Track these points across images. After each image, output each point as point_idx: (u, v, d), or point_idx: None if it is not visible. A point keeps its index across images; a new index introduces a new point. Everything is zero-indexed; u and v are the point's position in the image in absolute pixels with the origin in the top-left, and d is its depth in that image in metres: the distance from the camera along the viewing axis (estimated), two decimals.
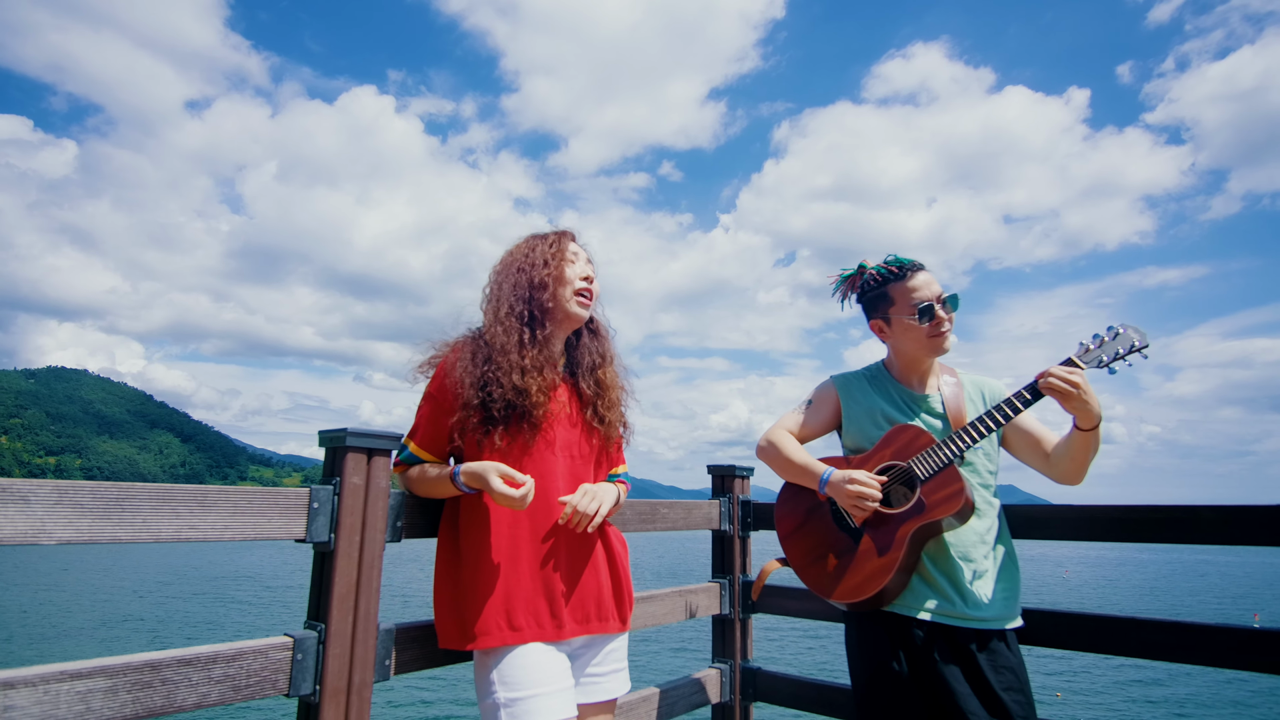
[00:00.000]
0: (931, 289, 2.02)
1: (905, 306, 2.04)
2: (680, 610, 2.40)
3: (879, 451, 2.01)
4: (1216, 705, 15.40)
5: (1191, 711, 14.91)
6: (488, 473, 1.54)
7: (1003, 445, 2.09)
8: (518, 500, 1.52)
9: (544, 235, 1.86)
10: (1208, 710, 15.01)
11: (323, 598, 1.50)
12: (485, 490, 1.57)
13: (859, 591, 1.89)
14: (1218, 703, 15.50)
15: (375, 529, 1.57)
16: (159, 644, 19.17)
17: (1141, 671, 17.42)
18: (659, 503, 2.36)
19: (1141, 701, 15.34)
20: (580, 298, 1.78)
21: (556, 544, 1.67)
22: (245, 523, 1.39)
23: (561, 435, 1.74)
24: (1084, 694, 15.77)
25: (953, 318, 2.02)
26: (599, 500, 1.68)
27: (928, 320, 2.00)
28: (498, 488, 1.52)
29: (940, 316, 1.99)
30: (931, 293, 2.01)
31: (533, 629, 1.58)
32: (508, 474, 1.55)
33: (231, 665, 1.34)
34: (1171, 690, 16.50)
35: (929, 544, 1.93)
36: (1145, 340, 1.81)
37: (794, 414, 2.21)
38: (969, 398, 2.09)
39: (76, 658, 1.24)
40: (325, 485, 1.52)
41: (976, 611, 1.87)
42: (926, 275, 2.03)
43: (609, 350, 1.90)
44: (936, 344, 2.02)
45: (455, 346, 1.74)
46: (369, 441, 1.56)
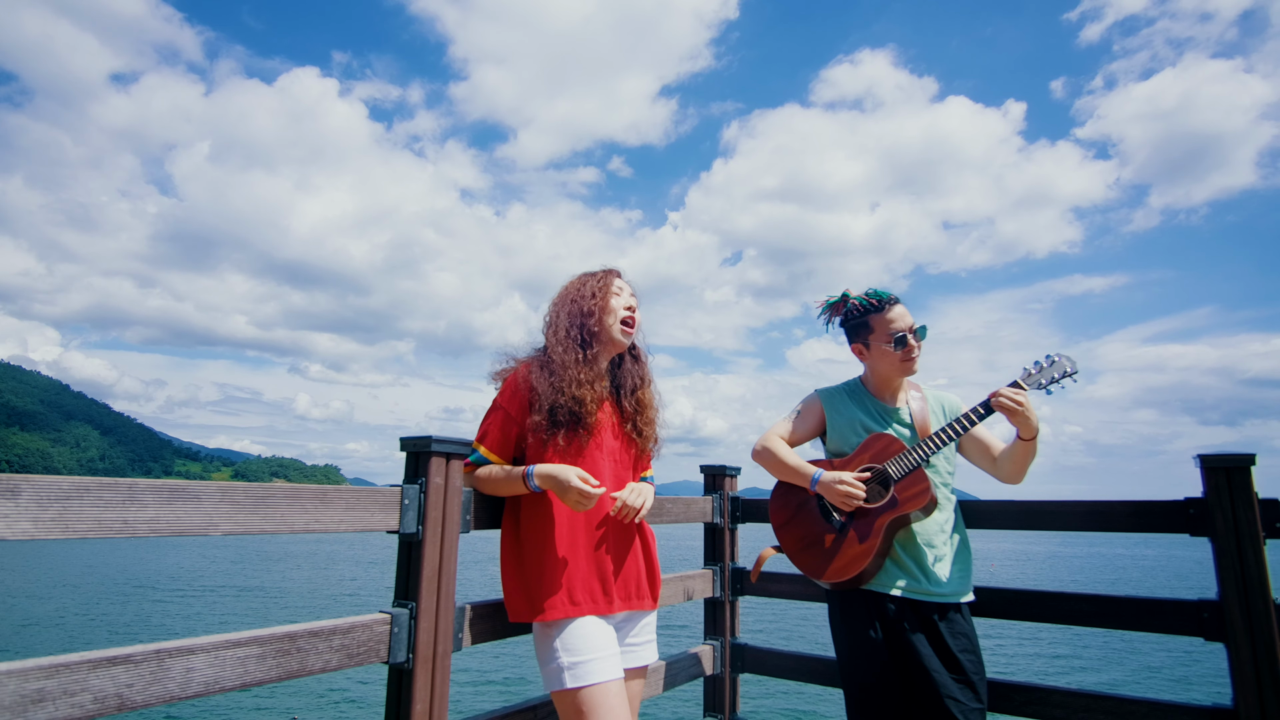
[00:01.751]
0: (905, 321, 2.40)
1: (883, 335, 2.42)
2: (679, 594, 2.73)
3: (858, 455, 2.38)
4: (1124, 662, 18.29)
5: (1102, 666, 17.64)
6: (568, 474, 1.84)
7: (959, 451, 2.50)
8: (593, 499, 1.83)
9: (594, 273, 2.18)
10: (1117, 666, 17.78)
11: (411, 580, 1.76)
12: (557, 490, 1.86)
13: (844, 573, 2.26)
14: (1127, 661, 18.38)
15: (453, 522, 1.84)
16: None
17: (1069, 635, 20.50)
18: (663, 499, 2.68)
19: (1069, 660, 18.02)
20: (624, 326, 2.10)
21: (606, 533, 1.97)
22: (355, 517, 1.64)
23: (607, 442, 2.04)
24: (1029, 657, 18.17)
25: (921, 345, 2.41)
26: (643, 497, 1.99)
27: (901, 349, 2.39)
28: (578, 484, 1.82)
29: (911, 345, 2.38)
30: (905, 324, 2.39)
31: (589, 604, 1.89)
32: (585, 476, 1.85)
33: (347, 636, 1.60)
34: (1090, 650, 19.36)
35: (899, 533, 2.31)
36: (1075, 367, 2.23)
37: (784, 422, 2.57)
38: (932, 411, 2.49)
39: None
40: (412, 485, 1.78)
41: (938, 588, 2.26)
42: (901, 309, 2.42)
43: (648, 374, 2.22)
44: (907, 367, 2.41)
45: (524, 364, 2.02)
46: (448, 447, 1.83)
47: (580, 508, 1.85)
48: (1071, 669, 17.12)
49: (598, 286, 2.10)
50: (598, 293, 2.08)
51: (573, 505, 1.86)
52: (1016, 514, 2.49)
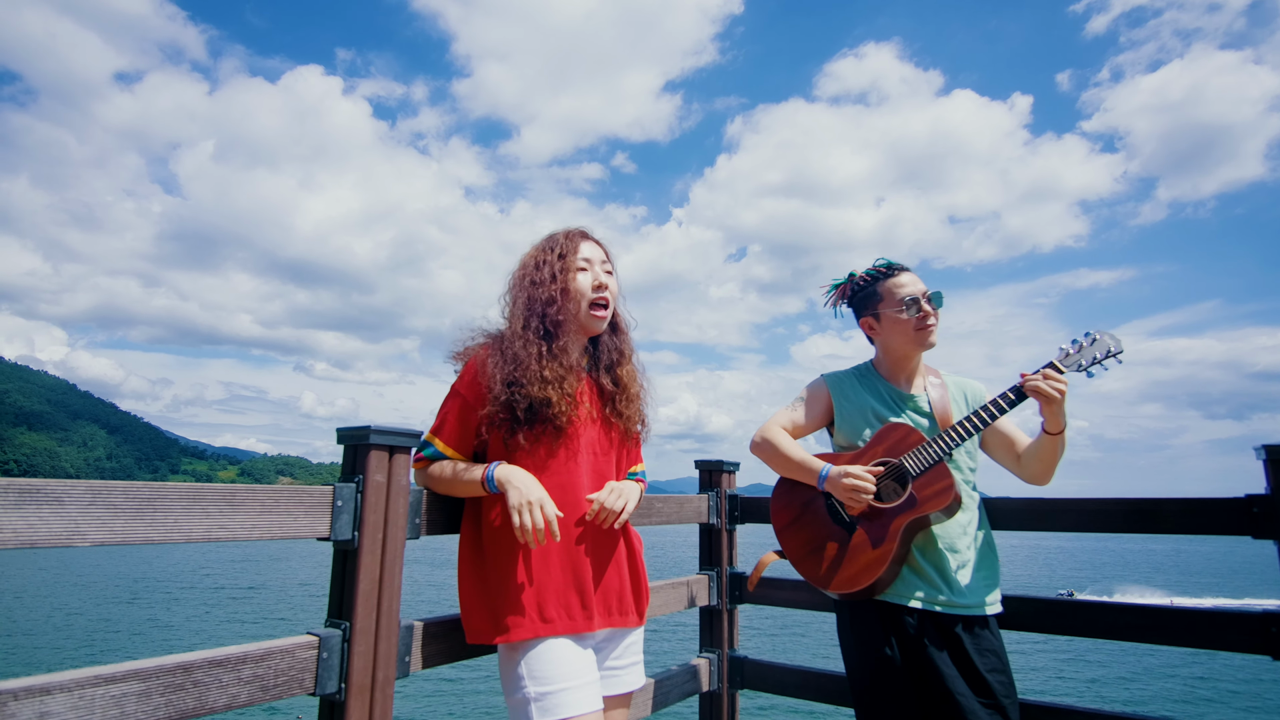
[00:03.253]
0: (917, 286, 2.14)
1: (893, 301, 2.15)
2: (671, 602, 2.46)
3: (871, 448, 2.10)
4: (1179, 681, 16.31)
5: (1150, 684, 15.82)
6: (531, 495, 1.58)
7: (979, 445, 2.22)
8: (535, 533, 1.56)
9: (553, 242, 1.85)
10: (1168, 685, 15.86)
11: (346, 596, 1.50)
12: (512, 497, 1.59)
13: (855, 582, 1.98)
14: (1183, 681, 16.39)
15: (397, 526, 1.57)
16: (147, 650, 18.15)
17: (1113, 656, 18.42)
18: (653, 497, 2.41)
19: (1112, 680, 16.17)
20: (595, 310, 1.81)
21: (583, 539, 1.70)
22: (271, 521, 1.37)
23: (586, 436, 1.77)
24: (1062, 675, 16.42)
25: (938, 313, 2.14)
26: (625, 498, 1.72)
27: (914, 313, 2.11)
28: (534, 517, 1.56)
29: (926, 311, 2.11)
30: (918, 289, 2.13)
31: (564, 621, 1.62)
32: (549, 507, 1.59)
33: (260, 665, 1.33)
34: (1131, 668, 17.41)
35: (918, 536, 2.03)
36: (1120, 346, 1.95)
37: (787, 411, 2.29)
38: (954, 398, 2.21)
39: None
40: (347, 483, 1.51)
41: (962, 599, 1.98)
42: (912, 275, 2.15)
43: (628, 347, 1.93)
44: (923, 337, 2.14)
45: (485, 344, 1.75)
46: (390, 439, 1.56)
47: (521, 531, 1.57)
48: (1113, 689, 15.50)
49: (558, 266, 1.79)
50: (558, 273, 1.78)
51: (516, 522, 1.57)
52: (1047, 513, 2.21)
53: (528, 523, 1.56)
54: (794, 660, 2.73)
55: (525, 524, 1.56)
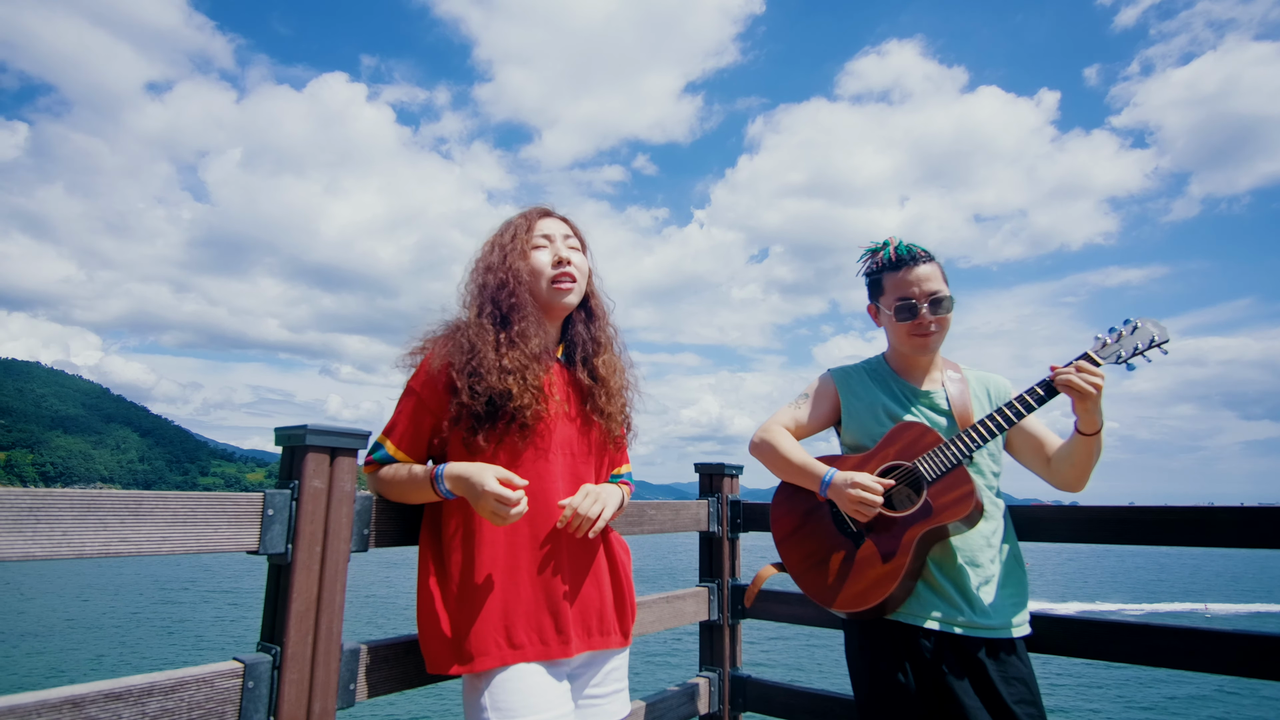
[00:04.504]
0: (922, 285, 1.90)
1: (891, 299, 1.94)
2: (667, 617, 2.27)
3: (882, 450, 1.89)
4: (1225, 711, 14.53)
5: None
6: (482, 476, 1.39)
7: (1004, 447, 2.00)
8: (510, 510, 1.38)
9: (510, 224, 1.70)
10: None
11: (278, 616, 1.33)
12: (470, 496, 1.42)
13: (862, 600, 1.77)
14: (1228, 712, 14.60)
15: (339, 538, 1.40)
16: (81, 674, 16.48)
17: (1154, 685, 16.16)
18: (646, 504, 2.22)
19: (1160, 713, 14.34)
20: (559, 284, 1.63)
21: (557, 551, 1.52)
22: (187, 533, 1.21)
23: (559, 432, 1.58)
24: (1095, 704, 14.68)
25: (942, 320, 1.92)
26: (601, 502, 1.53)
27: (905, 319, 1.90)
28: (493, 489, 1.37)
29: (923, 318, 1.89)
30: (921, 290, 1.90)
31: (535, 646, 1.44)
32: (506, 476, 1.41)
33: (170, 698, 1.17)
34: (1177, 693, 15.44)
35: (935, 548, 1.82)
36: (1165, 335, 1.72)
37: (790, 409, 2.09)
38: (975, 395, 1.99)
39: None
40: (281, 490, 1.35)
41: (985, 619, 1.77)
42: (924, 270, 1.91)
43: (606, 334, 1.74)
44: (915, 344, 1.93)
45: (441, 337, 1.58)
46: (332, 440, 1.39)
47: (498, 520, 1.40)
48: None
49: (512, 247, 1.62)
50: (510, 252, 1.61)
51: (488, 517, 1.41)
52: (1084, 523, 1.98)
53: (499, 523, 1.40)
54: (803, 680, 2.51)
55: (499, 524, 1.41)
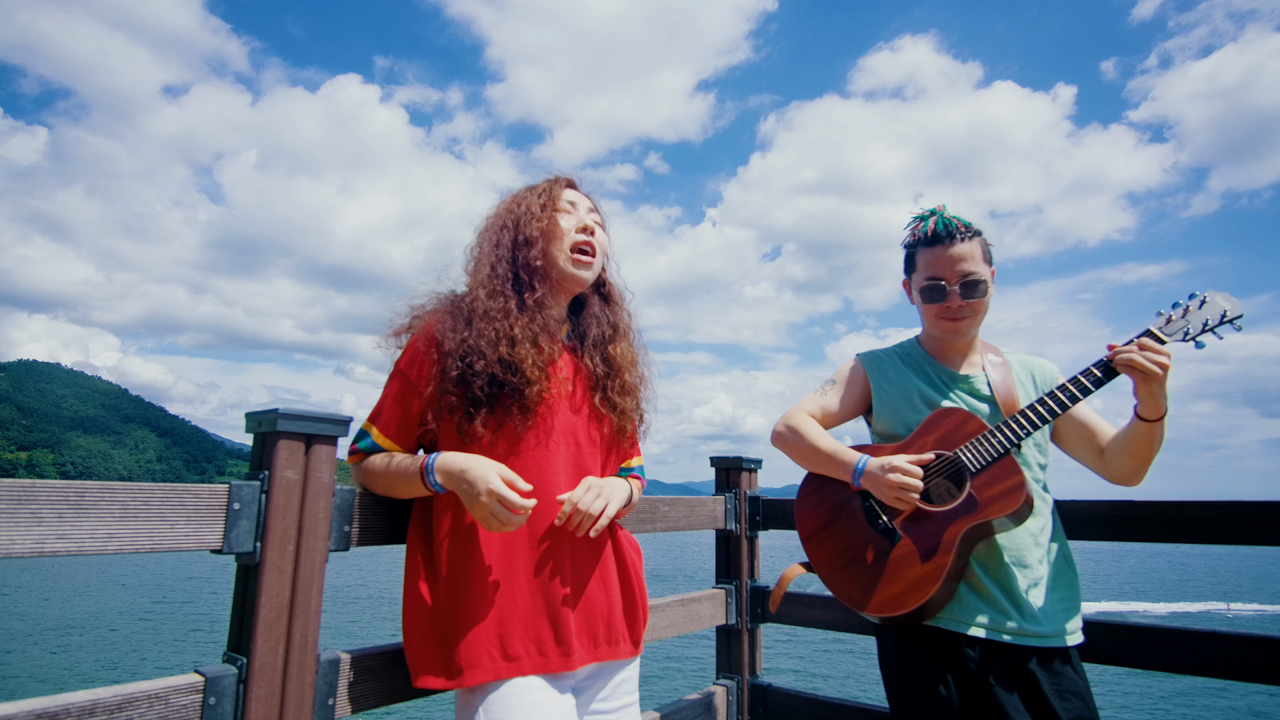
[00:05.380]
0: (956, 266, 1.72)
1: (920, 278, 1.78)
2: (682, 622, 2.11)
3: (919, 438, 1.72)
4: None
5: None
6: (484, 472, 1.24)
7: (1051, 437, 1.82)
8: (513, 516, 1.23)
9: (535, 186, 1.56)
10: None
11: (245, 623, 1.18)
12: (464, 496, 1.27)
13: (899, 604, 1.60)
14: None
15: (315, 535, 1.25)
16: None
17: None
18: (659, 500, 2.07)
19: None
20: (578, 255, 1.48)
21: (558, 551, 1.36)
22: (137, 529, 1.06)
23: (562, 421, 1.43)
24: None
25: (975, 305, 1.74)
26: (605, 497, 1.37)
27: (933, 300, 1.74)
28: (497, 489, 1.22)
29: (951, 300, 1.72)
30: (952, 270, 1.72)
31: (533, 658, 1.28)
32: (509, 476, 1.26)
33: (117, 716, 1.02)
34: None
35: (978, 548, 1.65)
36: (1239, 310, 1.54)
37: (815, 395, 1.93)
38: (1019, 380, 1.82)
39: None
40: (250, 481, 1.20)
41: (1035, 626, 1.59)
42: (962, 248, 1.73)
43: (623, 320, 1.59)
44: (944, 327, 1.77)
45: (432, 310, 1.43)
46: (308, 425, 1.24)
47: (495, 526, 1.25)
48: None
49: (539, 203, 1.48)
50: (538, 211, 1.47)
51: (484, 522, 1.26)
52: (1139, 520, 1.80)
53: (496, 528, 1.25)
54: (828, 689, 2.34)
55: (495, 529, 1.26)
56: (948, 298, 1.72)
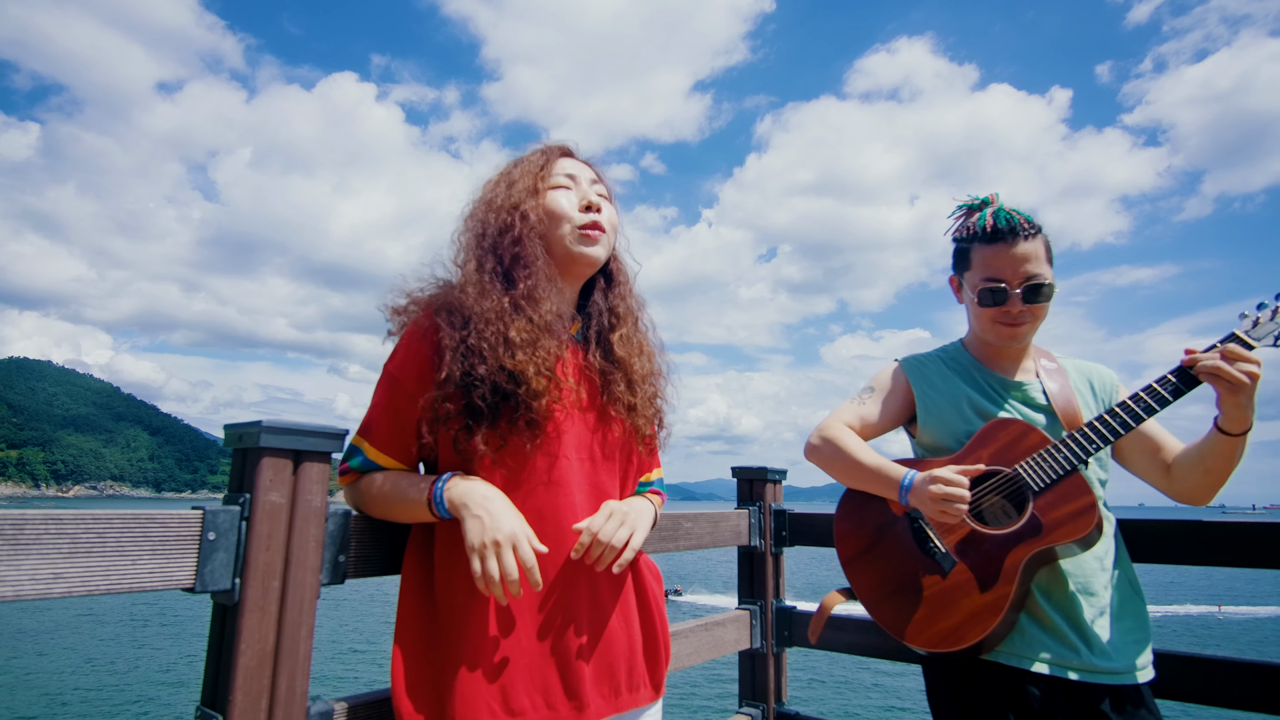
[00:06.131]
0: (1019, 267, 1.55)
1: (977, 278, 1.61)
2: (706, 648, 1.95)
3: (973, 452, 1.56)
4: None
5: None
6: (507, 526, 1.08)
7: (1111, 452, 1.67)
8: (514, 577, 1.07)
9: (521, 158, 1.35)
10: None
11: (222, 673, 1.01)
12: (476, 532, 1.08)
13: (956, 638, 1.44)
14: None
15: (304, 567, 1.08)
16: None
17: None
18: (681, 515, 1.90)
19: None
20: (587, 233, 1.28)
21: (573, 588, 1.19)
22: (90, 568, 0.89)
23: (574, 434, 1.24)
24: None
25: (1037, 310, 1.58)
26: (630, 525, 1.20)
27: (991, 304, 1.57)
28: (522, 532, 1.08)
29: (1012, 304, 1.56)
30: (1014, 272, 1.56)
31: (540, 712, 1.11)
32: (530, 535, 1.10)
33: None
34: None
35: (1040, 573, 1.49)
36: None
37: (853, 404, 1.76)
38: (1076, 387, 1.66)
39: None
40: (228, 506, 1.03)
41: (1105, 661, 1.43)
42: (1025, 248, 1.55)
43: (627, 305, 1.38)
44: (1000, 333, 1.60)
45: (430, 298, 1.24)
46: (296, 440, 1.07)
47: (490, 585, 1.07)
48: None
49: (529, 183, 1.28)
50: (525, 191, 1.26)
51: (481, 573, 1.07)
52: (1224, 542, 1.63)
53: (493, 571, 1.06)
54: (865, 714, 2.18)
55: (490, 573, 1.06)
56: (1008, 301, 1.56)
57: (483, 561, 1.06)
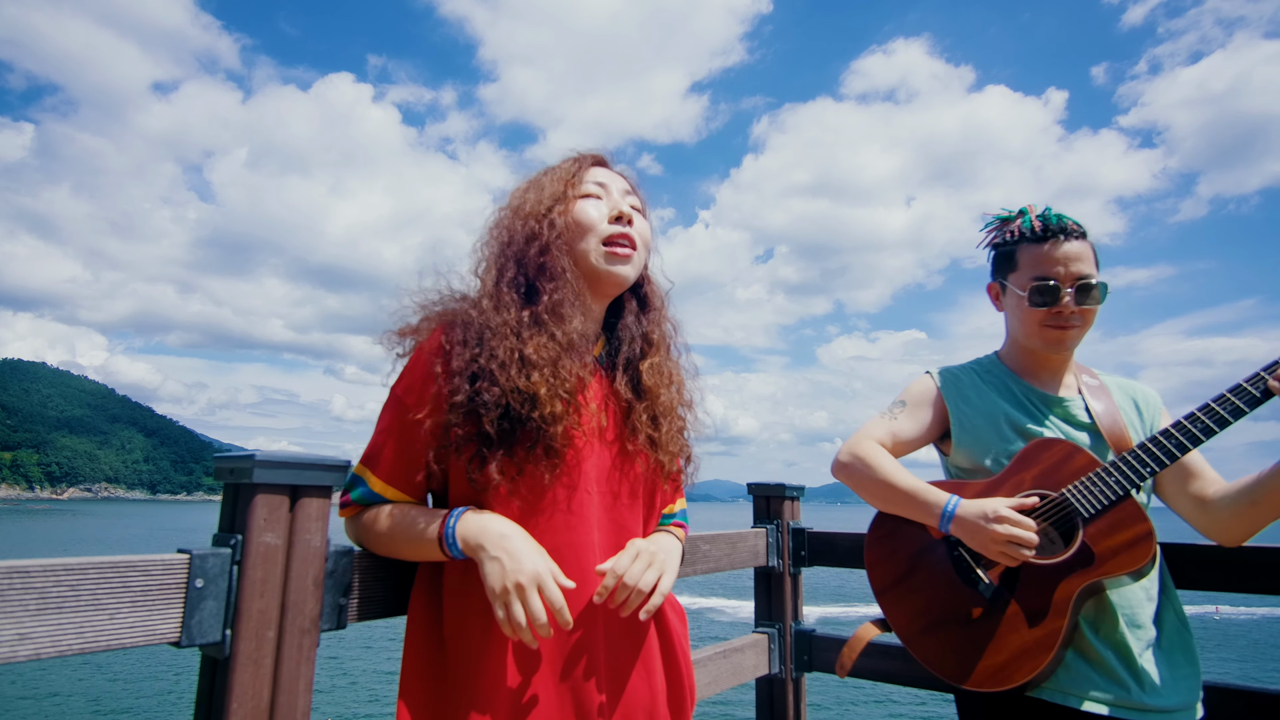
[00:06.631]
0: (1070, 266, 1.47)
1: (1025, 278, 1.51)
2: (724, 676, 1.85)
3: (1014, 474, 1.47)
4: None
5: None
6: (530, 565, 0.99)
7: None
8: (551, 620, 0.98)
9: (553, 166, 1.27)
10: None
11: None
12: (495, 576, 0.99)
13: (1005, 677, 1.35)
14: None
15: (302, 614, 0.98)
16: None
17: None
18: (699, 538, 1.81)
19: None
20: (615, 248, 1.18)
21: (592, 634, 1.09)
22: (62, 624, 0.79)
23: (596, 466, 1.15)
24: None
25: (1088, 313, 1.49)
26: (659, 566, 1.10)
27: (1039, 304, 1.48)
28: (551, 590, 0.98)
29: (1064, 305, 1.47)
30: (1068, 270, 1.47)
31: None
32: (556, 572, 1.01)
33: None
34: None
35: (1086, 605, 1.40)
36: None
37: (883, 420, 1.67)
38: (1120, 405, 1.57)
39: None
40: (218, 549, 0.93)
41: (1157, 700, 1.34)
42: (1075, 247, 1.48)
43: (662, 330, 1.30)
44: (1049, 336, 1.51)
45: (442, 314, 1.15)
46: (293, 475, 0.97)
47: (517, 628, 0.98)
48: None
49: (559, 191, 1.19)
50: (555, 200, 1.18)
51: (505, 617, 0.98)
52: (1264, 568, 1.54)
53: (519, 618, 0.96)
54: None
55: (517, 620, 0.97)
56: (1060, 301, 1.47)
57: (507, 608, 0.97)
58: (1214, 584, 1.57)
